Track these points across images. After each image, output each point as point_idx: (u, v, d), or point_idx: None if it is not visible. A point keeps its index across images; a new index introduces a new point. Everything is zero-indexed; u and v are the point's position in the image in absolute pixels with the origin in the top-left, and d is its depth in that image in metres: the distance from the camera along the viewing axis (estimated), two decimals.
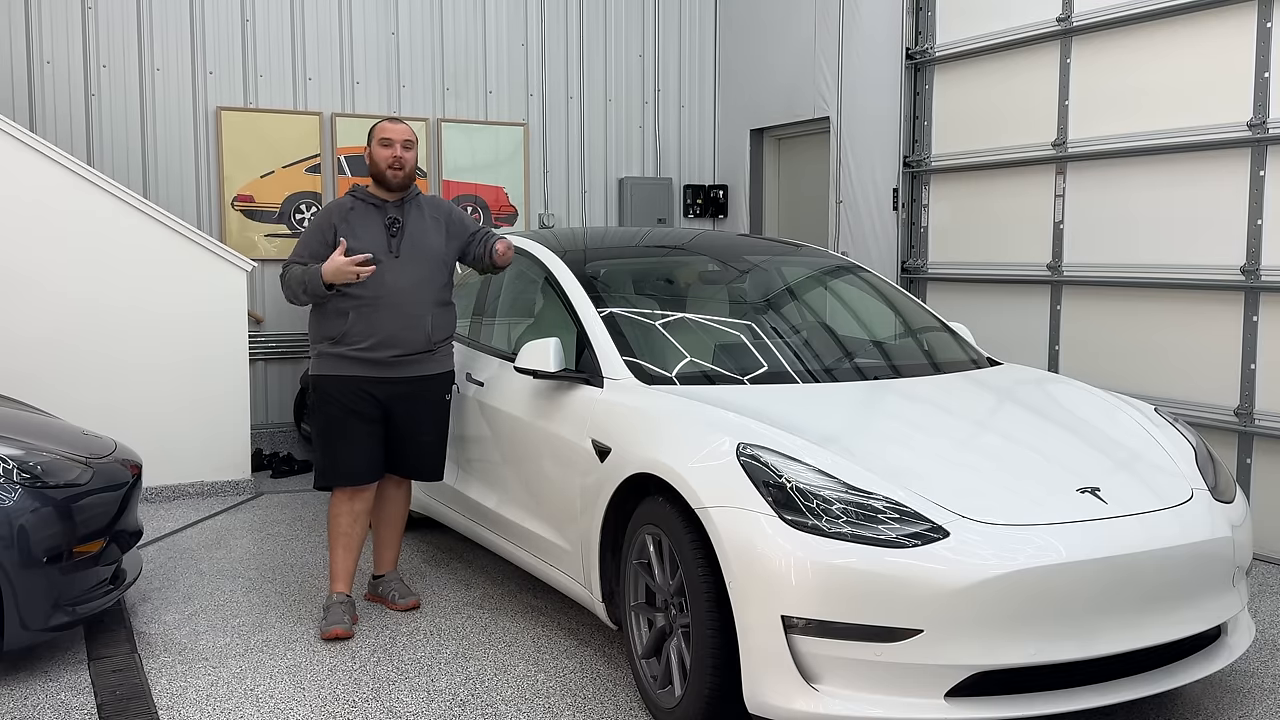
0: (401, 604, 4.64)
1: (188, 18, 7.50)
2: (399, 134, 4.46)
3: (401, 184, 4.45)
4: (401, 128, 4.50)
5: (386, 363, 4.38)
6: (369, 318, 4.33)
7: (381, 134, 4.47)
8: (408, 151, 4.45)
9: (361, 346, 4.34)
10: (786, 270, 5.16)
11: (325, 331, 4.41)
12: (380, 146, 4.44)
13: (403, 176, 4.44)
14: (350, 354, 4.36)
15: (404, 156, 4.43)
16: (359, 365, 4.37)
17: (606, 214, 9.06)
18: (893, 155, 7.57)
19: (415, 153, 4.50)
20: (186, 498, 6.50)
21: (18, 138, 5.95)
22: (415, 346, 4.42)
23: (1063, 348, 6.47)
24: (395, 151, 4.42)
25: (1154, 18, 5.88)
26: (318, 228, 4.44)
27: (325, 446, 4.47)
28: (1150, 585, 3.21)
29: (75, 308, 6.15)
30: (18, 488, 3.82)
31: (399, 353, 4.38)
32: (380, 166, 4.44)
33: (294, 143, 7.80)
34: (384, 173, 4.43)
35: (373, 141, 4.48)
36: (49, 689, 3.84)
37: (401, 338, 4.38)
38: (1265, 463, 5.47)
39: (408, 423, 4.50)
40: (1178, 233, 5.81)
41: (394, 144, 4.43)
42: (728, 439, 3.38)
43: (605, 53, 8.97)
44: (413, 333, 4.40)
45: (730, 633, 3.21)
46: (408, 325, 4.38)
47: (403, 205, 4.48)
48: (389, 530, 4.75)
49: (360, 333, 4.34)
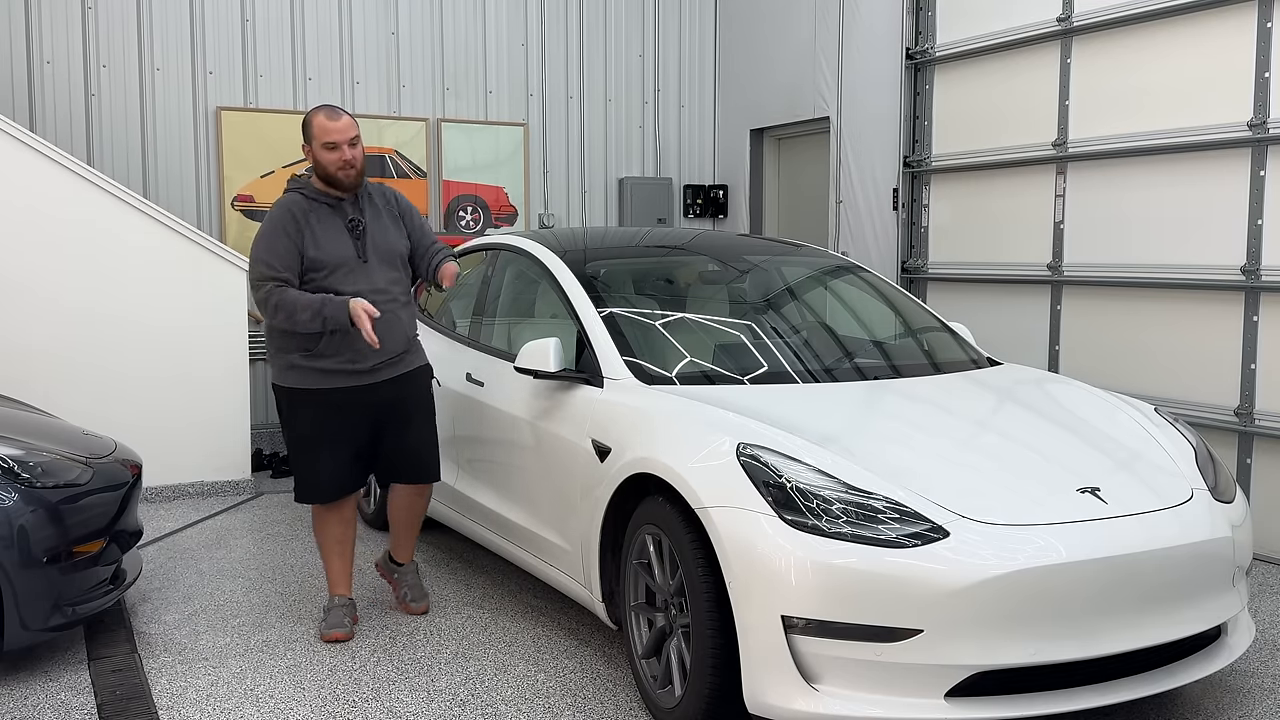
0: (414, 607, 4.56)
1: (188, 18, 7.50)
2: (342, 133, 4.11)
3: (355, 183, 4.18)
4: (343, 124, 4.14)
5: (367, 370, 4.19)
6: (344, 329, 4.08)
7: (323, 136, 4.11)
8: (355, 149, 4.13)
9: (340, 359, 4.14)
10: (786, 270, 5.16)
11: (298, 342, 4.15)
12: (325, 150, 4.11)
13: (355, 175, 4.16)
14: (328, 366, 4.15)
15: (354, 156, 4.13)
16: (338, 377, 4.17)
17: (606, 214, 9.06)
18: (893, 155, 7.57)
19: (362, 145, 4.18)
20: (186, 498, 6.50)
21: (18, 138, 5.96)
22: (395, 349, 4.25)
23: (1063, 348, 6.47)
24: (344, 155, 4.11)
25: (1154, 18, 5.87)
26: (282, 233, 4.09)
27: (304, 462, 4.27)
28: (1150, 585, 3.21)
29: (74, 309, 6.14)
30: (18, 488, 3.82)
31: (380, 360, 4.20)
32: (330, 170, 4.13)
33: (294, 143, 7.64)
34: (334, 176, 4.14)
35: (314, 144, 4.13)
36: (49, 689, 3.84)
37: (381, 343, 4.11)
38: (1265, 463, 5.46)
39: (396, 426, 4.33)
40: (1178, 233, 5.81)
41: (339, 146, 4.11)
42: (728, 439, 3.38)
43: (605, 53, 8.97)
44: (392, 338, 4.21)
45: (730, 633, 3.21)
46: (386, 331, 4.14)
47: (358, 201, 4.24)
48: (408, 528, 4.62)
49: (336, 344, 4.13)
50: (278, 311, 4.06)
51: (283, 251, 4.08)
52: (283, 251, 4.08)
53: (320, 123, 4.14)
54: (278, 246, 4.09)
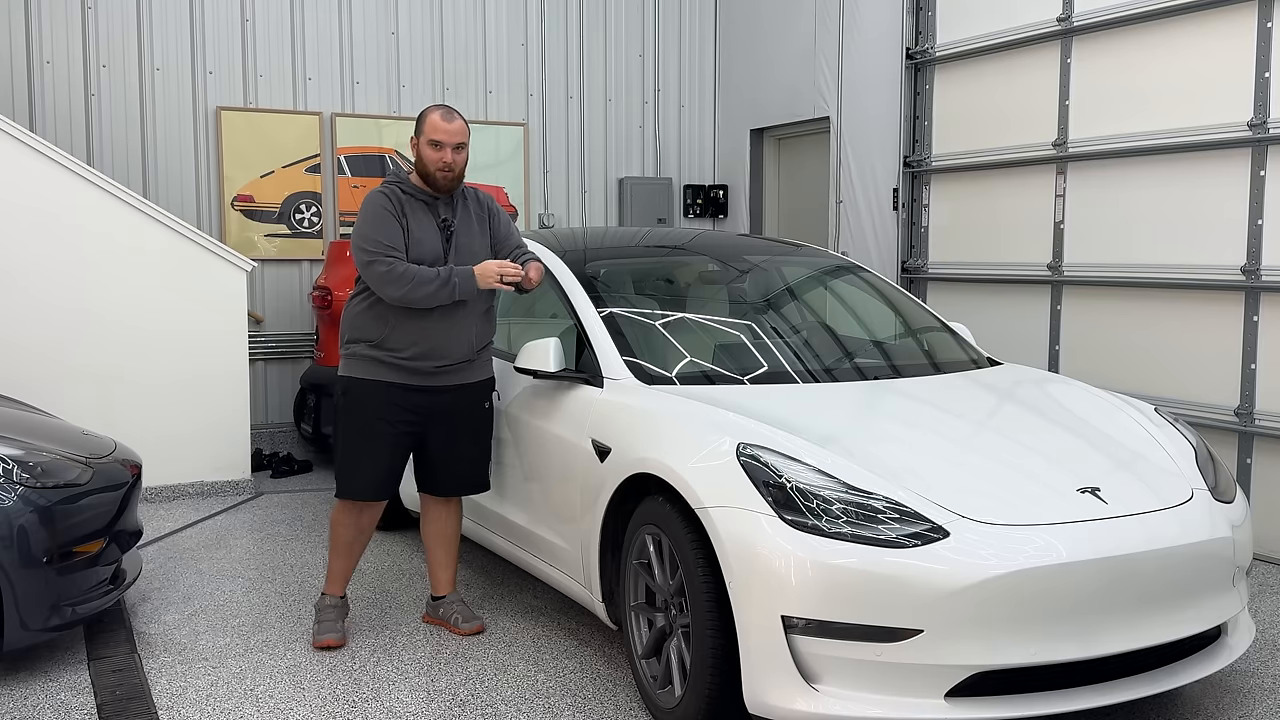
0: (466, 629, 4.34)
1: (188, 18, 7.50)
2: (450, 136, 4.10)
3: (450, 186, 4.15)
4: (454, 127, 4.12)
5: (428, 372, 4.14)
6: (412, 324, 4.08)
7: (431, 134, 4.11)
8: (459, 154, 4.12)
9: (404, 355, 4.10)
10: (786, 270, 5.16)
11: (363, 333, 4.14)
12: (429, 147, 4.10)
13: (452, 179, 4.14)
14: (389, 359, 4.11)
15: (455, 160, 4.11)
16: (397, 372, 4.12)
17: (606, 214, 9.06)
18: (893, 155, 7.57)
19: (467, 152, 4.16)
20: (186, 498, 6.50)
21: (18, 138, 5.96)
22: (459, 356, 4.17)
23: (1063, 348, 6.47)
24: (445, 156, 4.10)
25: (1154, 18, 5.87)
26: (388, 217, 4.07)
27: (349, 454, 4.20)
28: (1150, 585, 3.21)
29: (74, 309, 6.14)
30: (18, 488, 3.81)
31: (442, 363, 4.14)
32: (429, 168, 4.12)
33: (294, 143, 7.81)
34: (432, 174, 4.12)
35: (421, 137, 4.13)
36: (49, 689, 3.84)
37: (445, 348, 4.13)
38: (1265, 463, 5.46)
39: (446, 436, 4.26)
40: (1178, 233, 5.81)
41: (444, 147, 4.09)
42: (728, 439, 3.38)
43: (605, 53, 8.97)
44: (457, 343, 4.15)
45: (730, 633, 3.21)
46: (453, 334, 4.13)
47: (453, 203, 4.21)
48: (443, 550, 4.46)
49: (402, 339, 4.09)
50: (400, 282, 3.99)
51: (392, 232, 4.06)
52: (392, 232, 4.06)
53: (433, 120, 4.14)
54: (386, 227, 4.06)
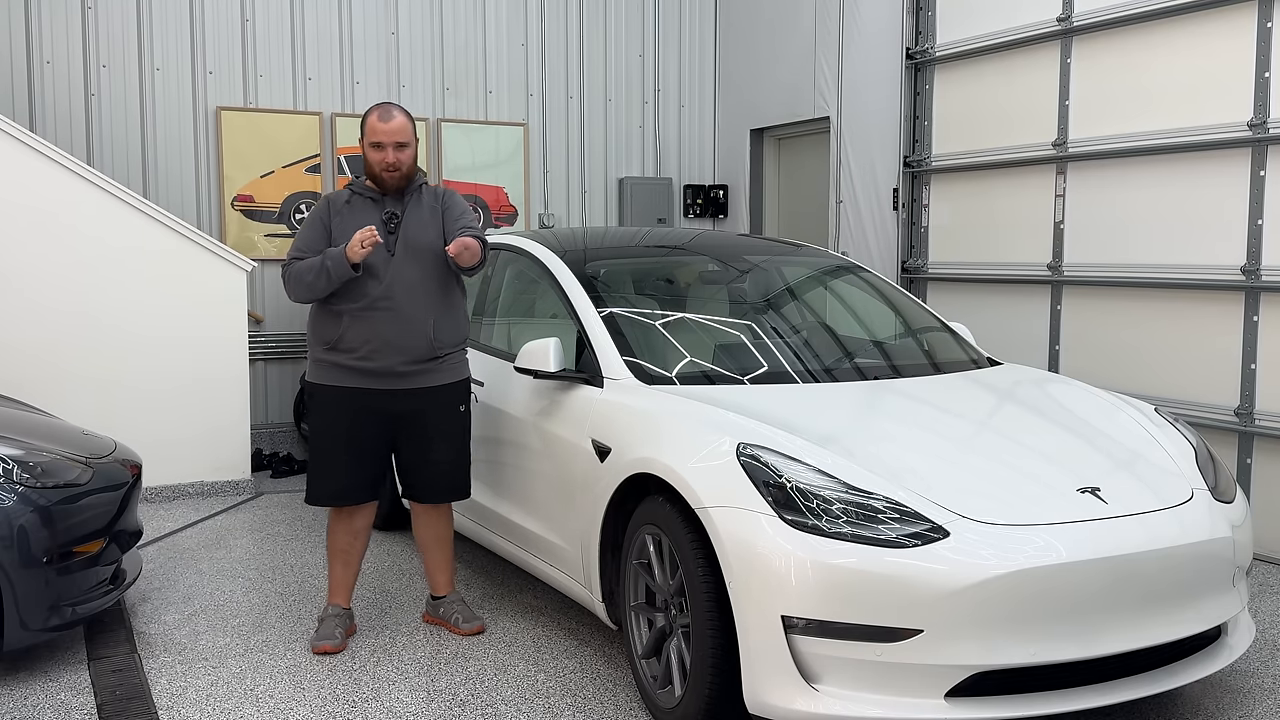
0: (466, 629, 4.33)
1: (187, 18, 7.50)
2: (389, 135, 4.08)
3: (397, 185, 4.13)
4: (393, 126, 4.10)
5: (385, 373, 4.08)
6: (363, 322, 4.04)
7: (371, 136, 4.12)
8: (401, 152, 4.10)
9: (357, 355, 4.06)
10: (786, 270, 5.16)
11: (321, 335, 4.13)
12: (372, 150, 4.11)
13: (399, 178, 4.12)
14: (345, 362, 4.08)
15: (398, 159, 4.10)
16: (355, 375, 4.09)
17: (606, 214, 9.06)
18: (893, 155, 7.57)
19: (413, 149, 4.15)
20: (186, 498, 6.50)
21: (18, 138, 5.96)
22: (417, 354, 4.10)
23: (1063, 348, 6.47)
24: (387, 157, 4.09)
25: (1154, 18, 5.87)
26: (316, 220, 4.15)
27: (313, 460, 4.26)
28: (1150, 585, 3.21)
29: (74, 309, 6.14)
30: (18, 488, 3.82)
31: (400, 361, 4.07)
32: (374, 169, 4.12)
33: (294, 143, 7.80)
34: (378, 175, 4.12)
35: (364, 140, 4.15)
36: (49, 689, 3.84)
37: (399, 344, 4.06)
38: (1265, 463, 5.46)
39: (418, 441, 4.20)
40: (1178, 233, 5.81)
41: (385, 148, 4.09)
42: (728, 439, 3.38)
43: (605, 53, 8.97)
44: (412, 339, 4.08)
45: (730, 633, 3.21)
46: (406, 330, 4.06)
47: (402, 198, 4.17)
48: (438, 552, 4.43)
49: (354, 339, 4.05)
50: (293, 284, 4.11)
51: (311, 238, 4.14)
52: (311, 238, 4.14)
53: (371, 122, 4.15)
54: (308, 234, 4.16)
